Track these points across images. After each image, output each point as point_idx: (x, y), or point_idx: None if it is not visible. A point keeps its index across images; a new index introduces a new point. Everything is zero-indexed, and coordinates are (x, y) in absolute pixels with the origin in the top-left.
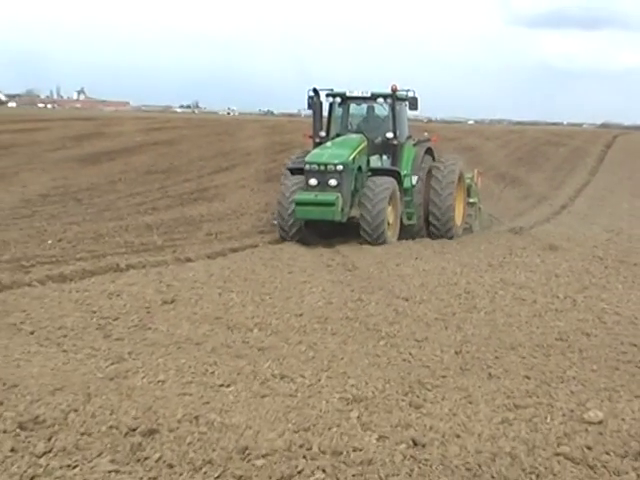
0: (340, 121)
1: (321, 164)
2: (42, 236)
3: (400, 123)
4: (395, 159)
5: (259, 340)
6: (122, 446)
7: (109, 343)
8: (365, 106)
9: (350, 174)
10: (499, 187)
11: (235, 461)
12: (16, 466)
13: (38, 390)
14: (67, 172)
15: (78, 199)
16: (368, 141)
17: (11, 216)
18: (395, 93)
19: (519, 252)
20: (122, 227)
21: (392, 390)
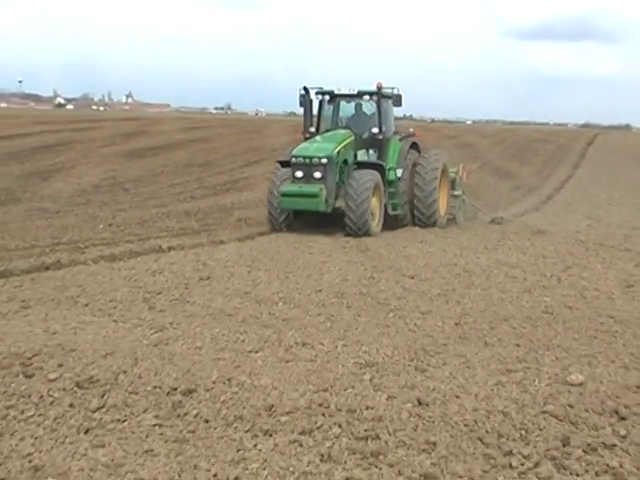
0: (329, 117)
1: (306, 157)
2: (95, 221)
3: (386, 119)
4: (381, 153)
5: (283, 312)
6: (164, 403)
7: (153, 314)
8: (353, 103)
9: (334, 167)
10: (494, 179)
11: (263, 417)
12: (74, 419)
13: (92, 354)
14: (116, 165)
15: (126, 189)
16: (355, 136)
17: (69, 204)
18: (380, 90)
19: (511, 236)
20: (164, 213)
21: (400, 356)
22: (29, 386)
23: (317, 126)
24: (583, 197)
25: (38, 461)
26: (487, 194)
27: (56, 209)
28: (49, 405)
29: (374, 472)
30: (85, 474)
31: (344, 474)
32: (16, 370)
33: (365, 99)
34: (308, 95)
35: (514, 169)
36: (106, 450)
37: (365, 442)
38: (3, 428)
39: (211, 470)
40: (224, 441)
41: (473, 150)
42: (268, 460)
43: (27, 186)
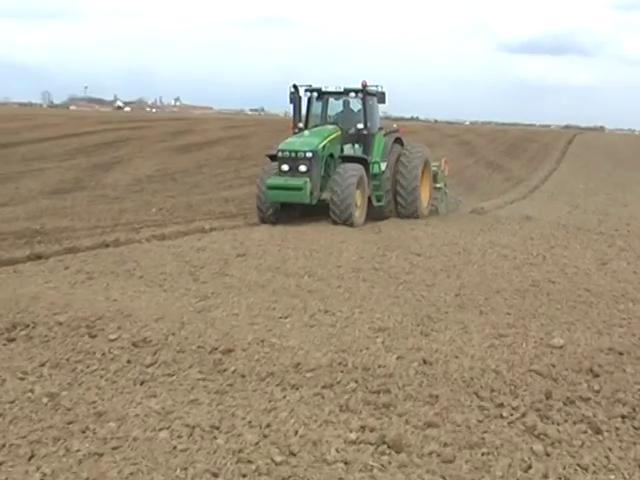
0: (317, 113)
1: (292, 151)
2: (148, 206)
3: (371, 115)
4: (366, 147)
5: (308, 284)
6: (207, 361)
7: (197, 285)
8: (340, 100)
9: (320, 161)
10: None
11: (291, 373)
12: (130, 373)
13: (146, 318)
14: (166, 159)
15: (174, 179)
16: (342, 131)
17: (126, 191)
18: (365, 88)
19: (503, 221)
20: (206, 200)
21: (408, 322)
22: (93, 345)
23: (306, 122)
24: (564, 188)
25: (101, 407)
26: (481, 185)
27: (115, 195)
28: (110, 361)
29: (385, 421)
30: (140, 419)
31: (360, 422)
32: (82, 331)
33: (351, 96)
34: (297, 92)
35: (505, 164)
36: (158, 399)
37: (378, 395)
38: (72, 380)
39: (246, 417)
40: (258, 393)
41: (470, 147)
42: (295, 410)
43: (92, 176)
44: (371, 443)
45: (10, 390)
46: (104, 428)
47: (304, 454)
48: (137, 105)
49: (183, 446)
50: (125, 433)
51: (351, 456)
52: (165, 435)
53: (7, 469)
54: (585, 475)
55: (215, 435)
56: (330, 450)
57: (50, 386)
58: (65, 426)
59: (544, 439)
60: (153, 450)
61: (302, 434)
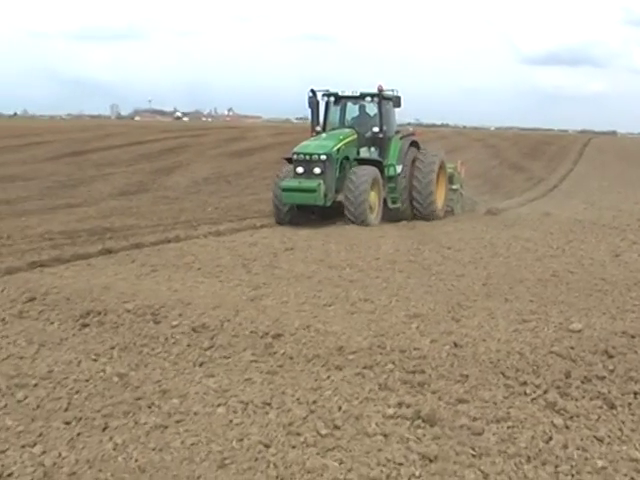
0: (335, 117)
1: (307, 154)
2: (205, 205)
3: (387, 119)
4: (382, 151)
5: (350, 275)
6: (259, 344)
7: (250, 276)
8: (357, 105)
9: (334, 163)
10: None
11: (334, 355)
12: (191, 355)
13: (204, 306)
14: (221, 163)
15: (228, 181)
16: (358, 135)
17: (185, 192)
18: (381, 92)
19: (525, 217)
20: (257, 200)
21: (440, 309)
22: (157, 330)
23: (324, 125)
24: (580, 186)
25: (165, 386)
26: (505, 184)
27: (176, 196)
28: (172, 345)
29: (420, 398)
30: (200, 396)
31: (397, 399)
32: (148, 318)
33: (367, 100)
34: (315, 97)
35: (527, 165)
36: (215, 379)
37: (413, 375)
38: (139, 361)
39: (295, 395)
40: (305, 373)
41: (495, 150)
42: (339, 388)
43: (154, 179)
44: (407, 418)
45: (85, 370)
46: (168, 404)
47: (347, 427)
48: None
49: (238, 420)
50: (187, 408)
51: (389, 429)
52: (222, 410)
53: (84, 439)
54: (601, 446)
55: (267, 410)
56: (370, 424)
57: (120, 367)
58: (134, 402)
59: (564, 414)
60: (212, 423)
61: (345, 410)
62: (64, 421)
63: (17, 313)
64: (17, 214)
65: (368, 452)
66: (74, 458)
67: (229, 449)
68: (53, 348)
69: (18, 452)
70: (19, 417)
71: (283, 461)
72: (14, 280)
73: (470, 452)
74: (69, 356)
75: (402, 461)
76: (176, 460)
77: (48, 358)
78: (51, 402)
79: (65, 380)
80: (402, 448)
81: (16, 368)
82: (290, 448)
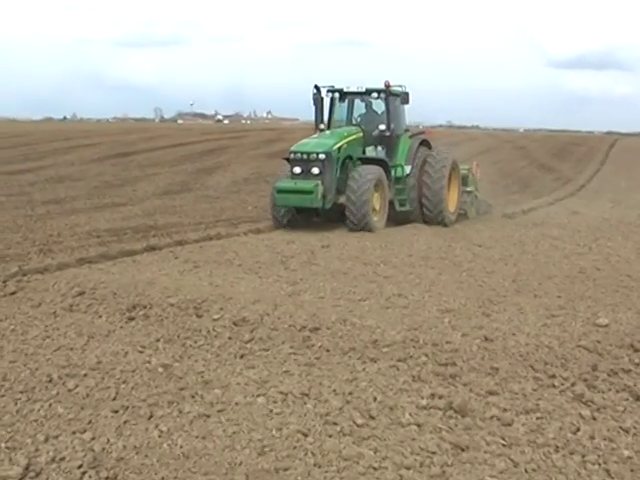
0: (342, 115)
1: (304, 153)
2: (244, 204)
3: (395, 117)
4: (390, 150)
5: (384, 271)
6: (297, 337)
7: (288, 272)
8: (363, 101)
9: (334, 163)
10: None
11: (369, 348)
12: (232, 348)
13: (244, 301)
14: (260, 164)
15: (267, 181)
16: (364, 133)
17: (226, 192)
18: (388, 88)
19: (553, 215)
20: None
21: (471, 304)
22: (200, 323)
23: (329, 123)
24: (607, 186)
25: (207, 377)
26: (534, 183)
27: (217, 196)
28: (214, 337)
29: (452, 389)
30: (241, 387)
31: (430, 390)
32: (190, 312)
33: (373, 97)
34: (319, 93)
35: (555, 165)
36: (255, 370)
37: (445, 367)
38: (182, 353)
39: (332, 386)
40: (341, 365)
41: (524, 151)
42: (373, 380)
43: (196, 179)
44: (440, 408)
45: (131, 361)
46: (210, 394)
47: (382, 417)
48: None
49: (277, 410)
50: (228, 398)
51: (423, 419)
52: (262, 400)
53: (131, 426)
54: (627, 436)
55: (305, 401)
56: (404, 414)
57: (164, 358)
58: (178, 392)
59: (591, 405)
60: (252, 413)
61: (380, 400)
62: (112, 409)
63: (67, 307)
64: (66, 213)
65: (402, 441)
66: (122, 444)
67: (269, 437)
68: (101, 340)
69: (69, 438)
70: (70, 405)
71: (320, 449)
72: (64, 275)
73: (500, 442)
74: (116, 348)
75: (435, 450)
76: (218, 447)
77: (97, 349)
78: (100, 391)
79: (113, 370)
80: (435, 438)
81: (67, 359)
82: (327, 437)
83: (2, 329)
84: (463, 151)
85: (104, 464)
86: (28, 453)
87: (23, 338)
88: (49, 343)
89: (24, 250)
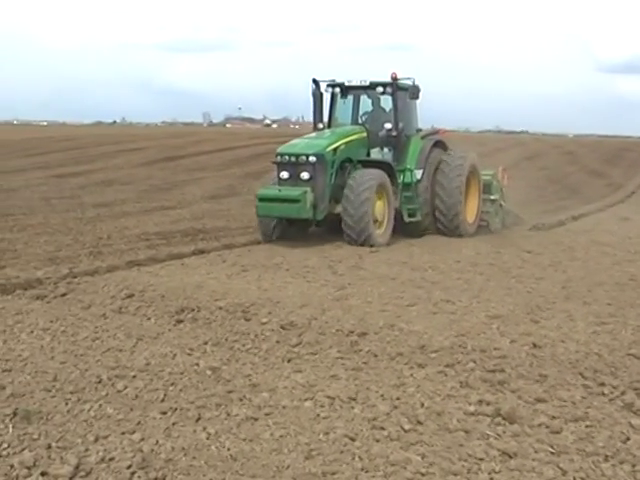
0: (345, 113)
1: (292, 155)
2: None
3: (404, 114)
4: (397, 152)
5: (432, 277)
6: (345, 342)
7: (335, 277)
8: (369, 98)
9: (328, 166)
10: (590, 178)
11: (417, 354)
12: (279, 352)
13: (292, 305)
14: None
15: None
16: (369, 133)
17: None
18: (395, 81)
19: (603, 222)
20: None
21: (519, 311)
22: (248, 327)
23: (329, 121)
24: None
25: (255, 380)
26: (584, 190)
27: None
28: (262, 341)
29: (500, 396)
30: (288, 390)
31: (478, 397)
32: (238, 315)
33: (379, 91)
34: (318, 88)
35: (605, 171)
36: (303, 374)
37: (493, 374)
38: (230, 356)
39: (379, 391)
40: (388, 370)
41: (573, 156)
42: (421, 385)
43: (244, 184)
44: (488, 415)
45: (180, 363)
46: (258, 397)
47: (429, 423)
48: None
49: (325, 414)
50: (276, 402)
51: (470, 426)
52: (309, 404)
53: (179, 428)
54: None
55: (352, 405)
56: (452, 420)
57: (212, 361)
58: (225, 394)
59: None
60: (299, 417)
61: (427, 406)
62: (160, 411)
63: (117, 309)
64: (116, 216)
65: (449, 447)
66: (170, 446)
67: (316, 441)
68: (150, 342)
69: (118, 438)
70: (119, 406)
71: (367, 454)
72: (114, 278)
73: (549, 450)
74: (165, 350)
75: (482, 456)
76: (265, 450)
77: (145, 351)
78: (148, 393)
79: (161, 372)
80: (482, 444)
81: (116, 360)
82: (374, 442)
83: (53, 330)
84: (510, 156)
85: (153, 465)
86: (78, 453)
87: (73, 339)
88: (99, 344)
89: (74, 252)
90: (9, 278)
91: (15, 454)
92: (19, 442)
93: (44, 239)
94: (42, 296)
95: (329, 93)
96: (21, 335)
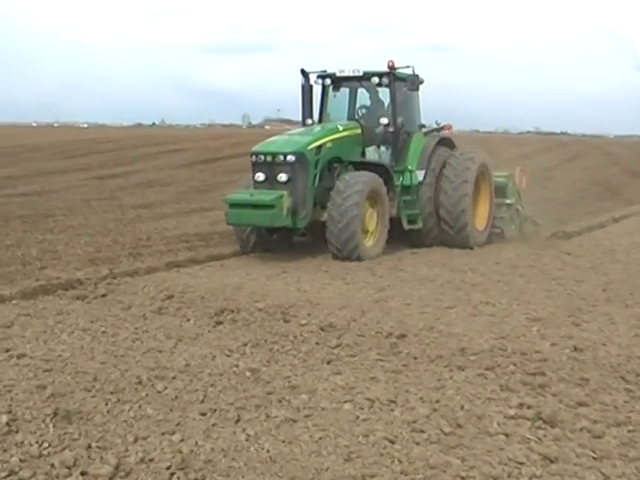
0: (339, 107)
1: (268, 154)
2: None
3: (404, 108)
4: (396, 151)
5: (471, 279)
6: (384, 344)
7: (375, 279)
8: (366, 90)
9: (310, 167)
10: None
11: (456, 356)
12: (319, 353)
13: (331, 307)
14: None
15: None
16: (364, 129)
17: None
18: (392, 71)
19: None
20: None
21: (560, 313)
22: (287, 329)
23: (320, 117)
24: None
25: (294, 382)
26: (625, 191)
27: None
28: (301, 342)
29: (541, 400)
30: (328, 392)
31: (518, 400)
32: (278, 317)
33: (374, 82)
34: (307, 80)
35: None
36: (342, 376)
37: (534, 377)
38: (270, 357)
39: (419, 394)
40: (428, 373)
41: (615, 157)
42: (461, 388)
43: None
44: (528, 418)
45: (219, 364)
46: (297, 399)
47: (469, 426)
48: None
49: (364, 416)
50: (315, 404)
51: (511, 429)
52: (349, 407)
53: (218, 429)
54: None
55: (392, 408)
56: (492, 423)
57: (251, 362)
58: (265, 396)
59: None
60: (339, 419)
61: (467, 409)
62: (200, 412)
63: (156, 310)
64: (156, 217)
65: (490, 451)
66: (209, 447)
67: (355, 444)
68: (189, 343)
69: (158, 439)
70: (159, 407)
71: (407, 457)
72: (153, 279)
73: (590, 454)
74: (204, 351)
75: (523, 460)
76: (305, 452)
77: (185, 352)
78: (188, 394)
79: (201, 373)
80: (523, 448)
81: (156, 361)
82: (414, 445)
83: (93, 331)
84: (551, 158)
85: (192, 466)
86: (118, 453)
87: (113, 340)
88: (138, 345)
89: (114, 253)
90: (50, 279)
91: (56, 453)
92: (60, 442)
93: (84, 240)
94: (82, 297)
95: (320, 85)
96: (62, 335)
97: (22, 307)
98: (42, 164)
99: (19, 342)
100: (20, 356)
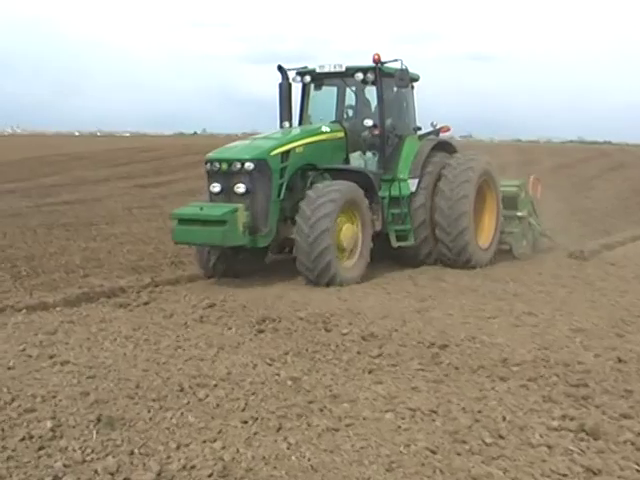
0: (318, 107)
1: (223, 161)
2: None
3: (394, 107)
4: (384, 156)
5: (513, 289)
6: (425, 354)
7: (416, 288)
8: (352, 88)
9: (273, 176)
10: None
11: (499, 367)
12: (360, 363)
13: (372, 316)
14: None
15: None
16: (347, 132)
17: None
18: (378, 65)
19: None
20: None
21: (603, 324)
22: (328, 337)
23: (300, 119)
24: None
25: (336, 391)
26: None
27: None
28: (342, 352)
29: (584, 411)
30: (369, 402)
31: (561, 412)
32: (319, 326)
33: (358, 78)
34: (286, 78)
35: None
36: (384, 385)
37: (577, 388)
38: (311, 366)
39: (460, 404)
40: (470, 383)
41: None
42: (503, 399)
43: None
44: (571, 430)
45: (261, 373)
46: (339, 408)
47: (511, 437)
48: None
49: (406, 426)
50: (356, 413)
51: (553, 441)
52: (390, 416)
53: (260, 438)
54: None
55: (433, 418)
56: (534, 435)
57: (293, 371)
58: (306, 405)
59: None
60: (380, 428)
61: (509, 420)
62: (241, 420)
63: (198, 318)
64: None
65: (532, 462)
66: (251, 455)
67: (397, 453)
68: (231, 351)
69: (200, 447)
70: (200, 414)
71: (449, 467)
72: (195, 287)
73: (634, 467)
74: (246, 359)
75: (566, 472)
76: (346, 462)
77: (226, 360)
78: (229, 402)
79: (242, 382)
80: (566, 460)
81: (197, 369)
82: (455, 455)
83: (136, 338)
84: (594, 167)
85: (233, 474)
86: (160, 460)
87: (155, 347)
88: (180, 353)
89: (156, 262)
90: (93, 287)
91: (99, 459)
92: (103, 448)
93: (127, 248)
94: (125, 304)
95: (299, 84)
96: (104, 343)
97: (65, 314)
98: (85, 173)
99: (63, 349)
100: (64, 363)
